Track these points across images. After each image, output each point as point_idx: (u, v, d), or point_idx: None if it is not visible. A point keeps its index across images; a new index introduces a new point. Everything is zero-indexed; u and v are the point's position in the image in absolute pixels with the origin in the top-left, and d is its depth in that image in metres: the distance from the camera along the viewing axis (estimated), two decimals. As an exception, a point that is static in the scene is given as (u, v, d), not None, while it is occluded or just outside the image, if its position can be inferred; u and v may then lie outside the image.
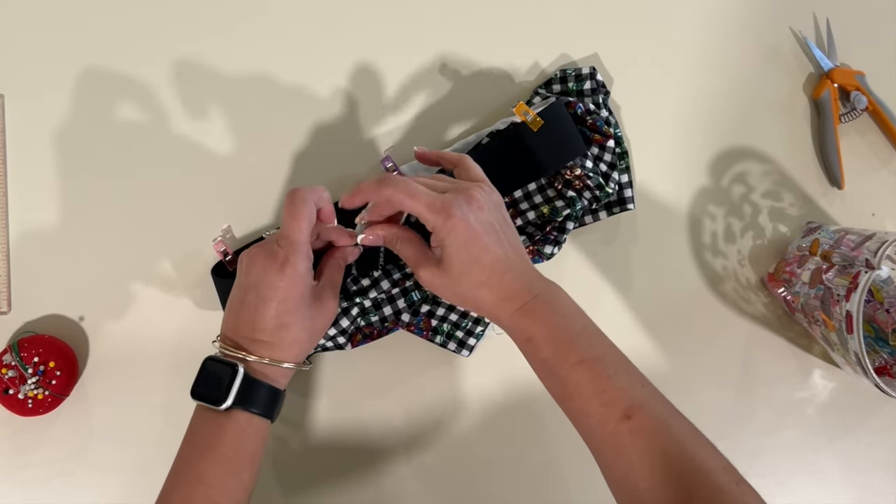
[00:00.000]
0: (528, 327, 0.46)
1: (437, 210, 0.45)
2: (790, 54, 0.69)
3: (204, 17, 0.63)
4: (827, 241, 0.59)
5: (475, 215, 0.46)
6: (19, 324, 0.59)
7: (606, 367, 0.44)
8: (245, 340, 0.47)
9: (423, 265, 0.48)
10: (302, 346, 0.49)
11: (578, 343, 0.45)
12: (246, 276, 0.48)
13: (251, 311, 0.47)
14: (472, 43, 0.64)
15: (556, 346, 0.45)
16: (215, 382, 0.46)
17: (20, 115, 0.61)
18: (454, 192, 0.47)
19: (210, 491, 0.44)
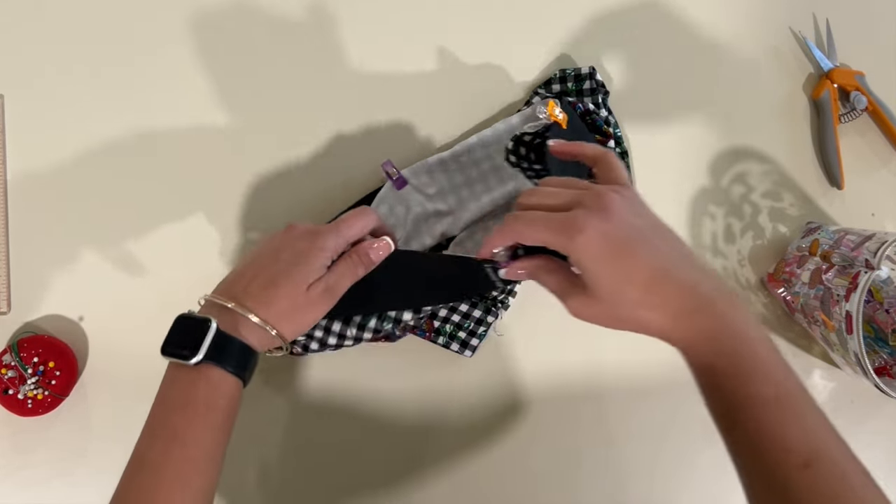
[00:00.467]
0: (703, 352, 0.40)
1: (559, 231, 0.40)
2: (790, 54, 0.69)
3: (204, 19, 0.63)
4: (827, 241, 0.59)
5: (611, 226, 0.40)
6: (19, 324, 0.59)
7: (794, 405, 0.39)
8: (237, 290, 0.46)
9: (570, 295, 0.42)
10: (279, 316, 0.46)
11: (760, 374, 0.39)
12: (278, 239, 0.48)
13: (260, 265, 0.47)
14: (472, 43, 0.64)
15: (735, 376, 0.39)
16: (187, 338, 0.44)
17: (20, 115, 0.61)
18: (581, 203, 0.41)
19: (185, 448, 0.43)
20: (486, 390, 0.62)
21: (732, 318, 0.40)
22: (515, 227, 0.43)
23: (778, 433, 0.38)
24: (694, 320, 0.40)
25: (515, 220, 0.43)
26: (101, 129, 0.61)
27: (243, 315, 0.45)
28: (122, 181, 0.61)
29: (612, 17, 0.67)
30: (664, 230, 0.42)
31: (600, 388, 0.63)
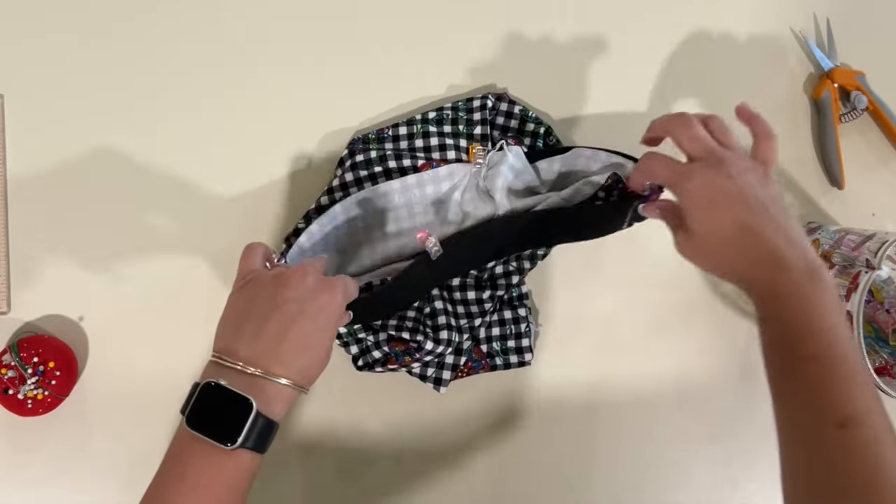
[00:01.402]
0: (768, 306, 0.44)
1: (675, 174, 0.47)
2: (790, 54, 0.69)
3: (204, 21, 0.63)
4: (827, 241, 0.59)
5: (720, 181, 0.45)
6: (19, 324, 0.59)
7: (839, 370, 0.41)
8: (265, 354, 0.42)
9: (677, 231, 0.48)
10: (310, 377, 0.45)
11: (818, 337, 0.42)
12: (292, 287, 0.44)
13: (287, 320, 0.43)
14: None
15: (791, 333, 0.43)
16: (221, 415, 0.41)
17: (20, 115, 0.61)
18: (707, 157, 0.46)
19: None
20: (492, 394, 0.62)
21: (807, 285, 0.43)
22: (649, 163, 0.49)
23: (822, 389, 0.41)
24: (766, 274, 0.44)
25: (650, 157, 0.49)
26: (101, 129, 0.61)
27: (279, 385, 0.42)
28: (123, 181, 0.61)
29: (612, 17, 0.67)
30: (771, 196, 0.46)
31: (604, 393, 0.63)
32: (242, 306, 0.45)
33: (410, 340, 0.56)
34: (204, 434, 0.41)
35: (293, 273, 0.45)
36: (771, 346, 0.44)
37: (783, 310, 0.43)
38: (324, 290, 0.45)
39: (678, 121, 0.49)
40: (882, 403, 0.41)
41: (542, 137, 0.62)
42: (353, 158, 0.60)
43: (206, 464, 0.41)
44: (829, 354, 0.42)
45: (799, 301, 0.43)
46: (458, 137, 0.60)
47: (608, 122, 0.65)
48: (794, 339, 0.42)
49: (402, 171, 0.59)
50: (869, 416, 0.40)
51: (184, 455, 0.42)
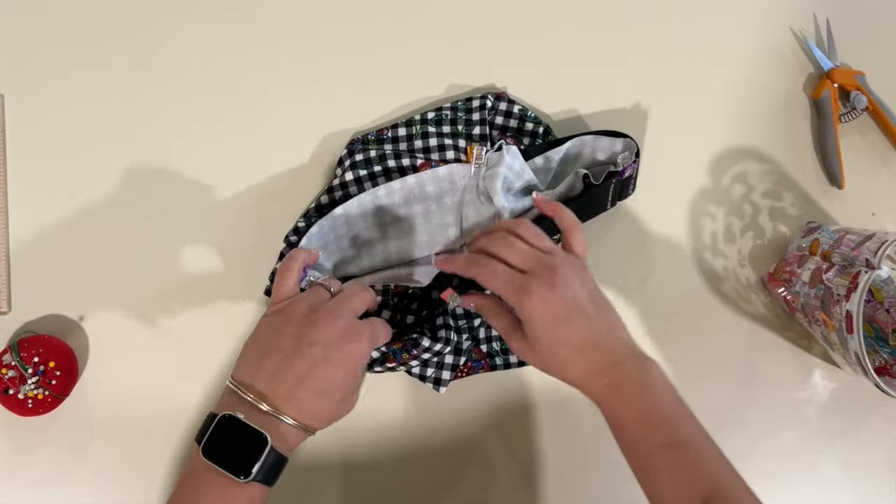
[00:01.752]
0: (614, 405, 0.46)
1: (514, 290, 0.47)
2: (790, 54, 0.69)
3: (204, 21, 0.63)
4: (827, 241, 0.59)
5: (558, 296, 0.46)
6: (19, 324, 0.59)
7: (691, 452, 0.44)
8: (281, 394, 0.44)
9: (514, 338, 0.49)
10: (321, 422, 0.46)
11: (666, 426, 0.45)
12: (318, 330, 0.45)
13: (307, 364, 0.44)
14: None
15: (641, 426, 0.45)
16: (241, 451, 0.42)
17: (20, 115, 0.61)
18: (535, 272, 0.47)
19: None
20: (491, 394, 0.62)
21: (641, 379, 0.46)
22: (477, 271, 0.49)
23: (681, 476, 0.43)
24: (607, 377, 0.46)
25: (479, 265, 0.49)
26: (101, 129, 0.61)
27: (295, 428, 0.44)
28: (123, 181, 0.61)
29: (611, 17, 0.67)
30: (600, 301, 0.49)
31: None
32: (268, 337, 0.46)
33: (408, 338, 0.56)
34: (219, 465, 0.42)
35: (325, 315, 0.46)
36: (626, 443, 0.46)
37: (627, 408, 0.46)
38: (351, 338, 0.46)
39: (496, 241, 0.50)
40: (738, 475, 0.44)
41: (541, 137, 0.62)
42: (352, 158, 0.60)
43: (219, 495, 0.42)
44: (678, 440, 0.44)
45: (638, 396, 0.46)
46: (457, 138, 0.60)
47: (607, 122, 0.65)
48: (644, 433, 0.45)
49: (401, 171, 0.59)
50: (732, 488, 0.43)
51: (198, 485, 0.43)
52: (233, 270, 0.61)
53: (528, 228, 0.51)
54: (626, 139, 0.60)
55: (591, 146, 0.61)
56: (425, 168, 0.59)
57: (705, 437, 0.46)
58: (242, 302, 0.60)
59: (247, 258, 0.60)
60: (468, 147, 0.60)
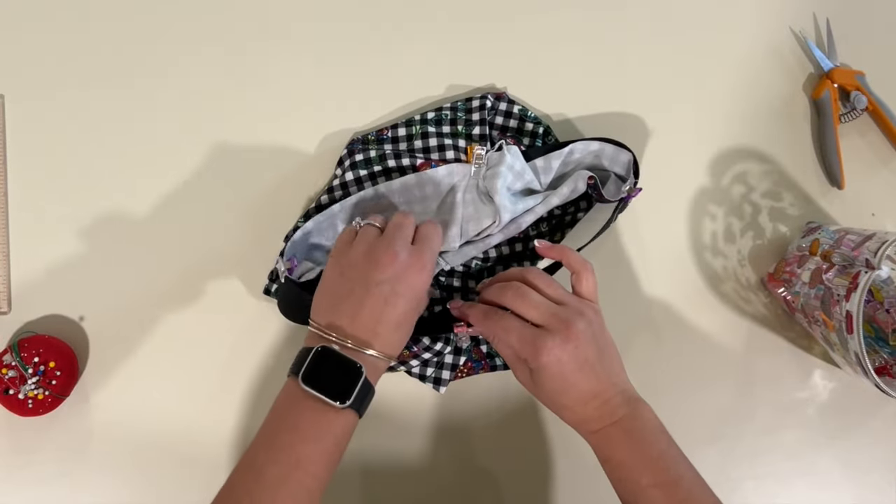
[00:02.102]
0: (606, 449, 0.49)
1: (528, 344, 0.48)
2: (790, 54, 0.69)
3: (204, 20, 0.63)
4: (827, 241, 0.59)
5: (570, 353, 0.48)
6: (19, 324, 0.59)
7: (679, 492, 0.46)
8: (363, 332, 0.47)
9: (518, 371, 0.51)
10: (399, 349, 0.50)
11: (655, 467, 0.47)
12: (383, 267, 0.48)
13: (380, 302, 0.47)
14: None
15: (630, 468, 0.47)
16: (339, 378, 0.46)
17: (20, 115, 0.61)
18: (552, 324, 0.48)
19: (306, 478, 0.44)
20: (492, 394, 0.62)
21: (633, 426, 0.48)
22: (492, 326, 0.50)
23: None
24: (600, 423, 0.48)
25: (492, 320, 0.50)
26: (101, 129, 0.61)
27: (381, 359, 0.48)
28: (123, 180, 0.61)
29: (610, 18, 0.67)
30: (606, 349, 0.50)
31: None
32: (338, 283, 0.49)
33: None
34: (319, 392, 0.45)
35: (384, 252, 0.48)
36: (616, 482, 0.49)
37: (617, 451, 0.48)
38: (414, 270, 0.49)
39: (509, 292, 0.50)
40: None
41: (540, 137, 0.62)
42: (352, 158, 0.60)
43: (318, 419, 0.45)
44: (666, 480, 0.47)
45: (629, 440, 0.48)
46: (457, 137, 0.60)
47: (607, 122, 0.65)
48: (635, 473, 0.47)
49: (401, 171, 0.59)
50: None
51: (296, 409, 0.46)
52: (233, 270, 0.61)
53: (539, 277, 0.52)
54: (628, 153, 0.59)
55: (594, 152, 0.60)
56: (425, 168, 0.59)
57: (695, 476, 0.48)
58: (242, 301, 0.60)
59: (247, 258, 0.60)
60: (468, 147, 0.60)
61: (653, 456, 0.47)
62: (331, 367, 0.46)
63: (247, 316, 0.60)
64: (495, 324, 0.50)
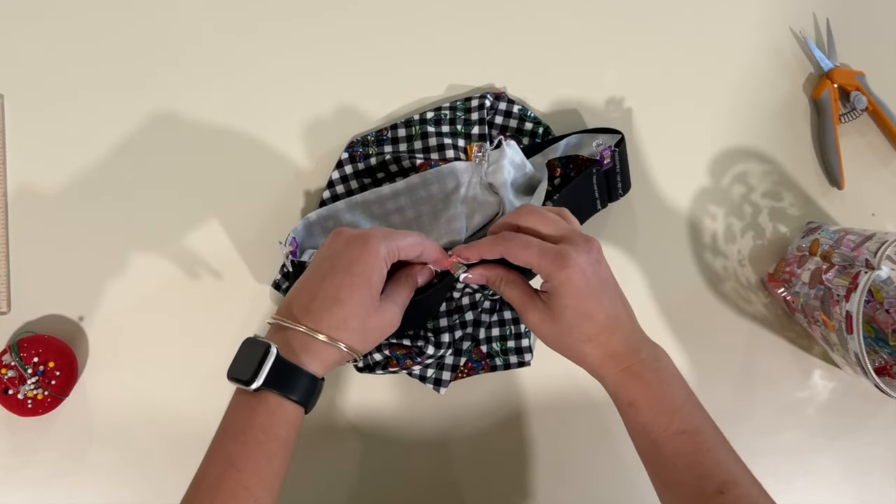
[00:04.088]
0: (630, 391, 0.46)
1: (551, 258, 0.45)
2: (790, 54, 0.69)
3: (204, 21, 0.63)
4: (827, 241, 0.59)
5: (594, 268, 0.45)
6: (19, 324, 0.59)
7: (706, 440, 0.45)
8: (297, 309, 0.45)
9: (531, 309, 0.47)
10: (347, 332, 0.45)
11: (681, 413, 0.45)
12: (327, 248, 0.47)
13: (318, 278, 0.46)
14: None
15: (657, 413, 0.45)
16: (248, 363, 0.44)
17: (20, 115, 0.61)
18: (572, 240, 0.46)
19: (241, 475, 0.42)
20: (492, 394, 0.62)
21: (656, 366, 0.46)
22: (509, 245, 0.46)
23: (695, 462, 0.44)
24: (624, 363, 0.46)
25: (510, 239, 0.46)
26: (101, 129, 0.61)
27: (310, 336, 0.44)
28: (122, 180, 0.61)
29: (610, 18, 0.67)
30: (618, 286, 0.48)
31: (604, 393, 0.62)
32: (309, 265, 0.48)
33: (412, 346, 0.56)
34: (234, 380, 0.44)
35: (332, 236, 0.48)
36: (640, 430, 0.46)
37: (643, 395, 0.45)
38: (355, 243, 0.46)
39: (524, 214, 0.48)
40: (745, 466, 0.45)
41: (540, 137, 0.62)
42: (353, 165, 0.60)
43: (241, 410, 0.44)
44: (692, 427, 0.45)
45: (655, 382, 0.45)
46: (457, 137, 0.60)
47: (607, 122, 0.65)
48: (660, 418, 0.45)
49: (402, 172, 0.60)
50: (743, 477, 0.44)
51: (229, 407, 0.45)
52: (233, 270, 0.61)
53: (551, 208, 0.49)
54: (618, 134, 0.60)
55: (587, 144, 0.61)
56: (425, 168, 0.59)
57: (714, 426, 0.46)
58: (242, 301, 0.60)
59: (247, 259, 0.60)
60: (468, 147, 0.60)
61: (678, 402, 0.45)
62: (247, 354, 0.44)
63: (248, 316, 0.60)
64: (511, 242, 0.46)
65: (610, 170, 0.59)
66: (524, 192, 0.59)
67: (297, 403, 0.44)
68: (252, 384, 0.43)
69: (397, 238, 0.47)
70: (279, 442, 0.44)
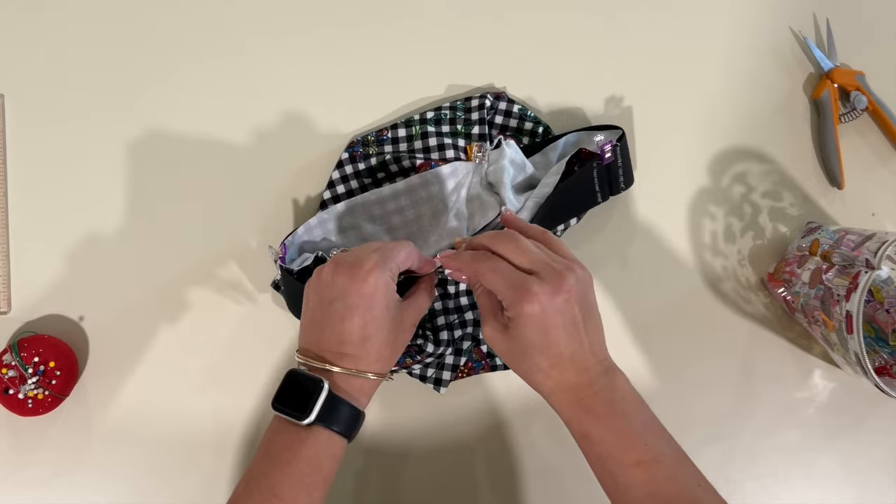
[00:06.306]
0: (583, 423, 0.45)
1: (514, 289, 0.44)
2: (790, 54, 0.69)
3: (204, 21, 0.63)
4: (827, 241, 0.59)
5: (557, 306, 0.44)
6: (19, 324, 0.59)
7: (664, 468, 0.44)
8: (330, 354, 0.46)
9: (490, 322, 0.47)
10: (384, 360, 0.47)
11: (636, 444, 0.44)
12: (330, 288, 0.46)
13: (337, 321, 0.46)
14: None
15: (611, 445, 0.44)
16: (299, 396, 0.45)
17: (20, 115, 0.61)
18: (542, 274, 0.45)
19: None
20: (491, 395, 0.62)
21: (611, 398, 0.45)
22: (479, 266, 0.46)
23: (654, 492, 0.43)
24: (575, 395, 0.45)
25: (480, 261, 0.47)
26: (102, 129, 0.61)
27: (355, 376, 0.46)
28: (122, 181, 0.61)
29: (611, 18, 0.67)
30: (592, 315, 0.47)
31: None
32: (307, 310, 0.49)
33: (412, 345, 0.56)
34: (282, 413, 0.45)
35: (330, 271, 0.47)
36: (596, 461, 0.45)
37: (596, 427, 0.45)
38: (357, 278, 0.46)
39: (503, 238, 0.47)
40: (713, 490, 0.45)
41: (540, 137, 0.62)
42: (354, 165, 0.60)
43: (288, 441, 0.45)
44: (649, 457, 0.44)
45: (608, 415, 0.45)
46: (457, 137, 0.60)
47: (606, 122, 0.65)
48: (615, 451, 0.44)
49: (402, 173, 0.60)
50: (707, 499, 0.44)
51: (269, 436, 0.46)
52: (232, 271, 0.61)
53: (537, 230, 0.49)
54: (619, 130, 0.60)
55: (586, 141, 0.61)
56: (425, 168, 0.59)
57: (677, 451, 0.45)
58: (241, 302, 0.60)
59: (247, 259, 0.60)
60: (468, 146, 0.60)
61: (635, 431, 0.44)
62: (296, 388, 0.45)
63: (248, 316, 0.60)
64: (482, 263, 0.46)
65: (612, 164, 0.59)
66: (524, 192, 0.59)
67: (343, 436, 0.46)
68: (304, 419, 0.44)
69: (394, 256, 0.47)
70: (322, 475, 0.45)
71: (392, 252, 0.48)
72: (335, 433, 0.45)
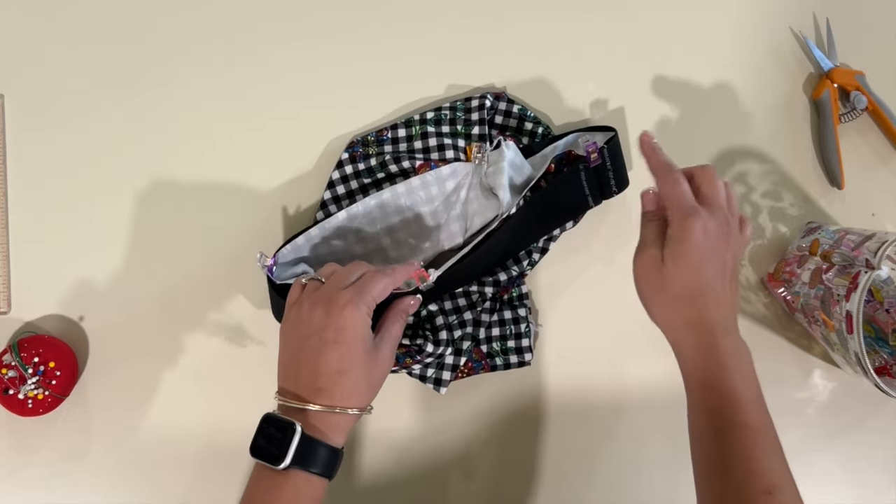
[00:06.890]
0: (708, 370, 0.46)
1: (685, 207, 0.46)
2: (790, 54, 0.69)
3: (204, 22, 0.63)
4: (827, 241, 0.59)
5: (716, 238, 0.46)
6: (19, 324, 0.59)
7: (765, 441, 0.45)
8: (306, 390, 0.46)
9: (646, 249, 0.48)
10: (360, 396, 0.47)
11: (748, 408, 0.45)
12: (307, 324, 0.47)
13: (313, 355, 0.46)
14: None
15: (727, 400, 0.45)
16: (273, 441, 0.44)
17: (20, 115, 0.61)
18: (717, 210, 0.47)
19: None
20: (491, 395, 0.62)
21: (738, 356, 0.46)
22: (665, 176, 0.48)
23: (751, 458, 0.44)
24: (711, 337, 0.46)
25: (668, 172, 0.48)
26: (101, 129, 0.61)
27: (329, 413, 0.46)
28: (122, 181, 0.61)
29: (611, 18, 0.67)
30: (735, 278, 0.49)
31: (604, 393, 0.63)
32: (283, 347, 0.49)
33: (411, 345, 0.56)
34: (259, 459, 0.45)
35: (308, 307, 0.47)
36: (703, 412, 0.46)
37: (720, 376, 0.45)
38: (334, 312, 0.46)
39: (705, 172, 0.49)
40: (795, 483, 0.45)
41: (539, 137, 0.62)
42: (354, 165, 0.60)
43: (266, 486, 0.45)
44: (757, 424, 0.45)
45: (735, 369, 0.45)
46: (457, 137, 0.60)
47: (606, 122, 0.65)
48: (729, 406, 0.45)
49: (402, 173, 0.60)
50: (791, 486, 0.45)
51: (251, 482, 0.46)
52: (232, 271, 0.61)
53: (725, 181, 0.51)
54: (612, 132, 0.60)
55: (583, 143, 0.60)
56: (425, 168, 0.59)
57: (776, 435, 0.46)
58: (241, 303, 0.60)
59: (246, 259, 0.60)
60: (467, 147, 0.60)
61: (751, 396, 0.45)
62: (270, 432, 0.45)
63: (248, 317, 0.60)
64: (667, 175, 0.48)
65: (600, 166, 0.58)
66: (522, 193, 0.59)
67: (322, 476, 0.46)
68: (279, 464, 0.44)
69: (370, 289, 0.48)
70: None
71: (367, 286, 0.48)
72: (313, 474, 0.45)
